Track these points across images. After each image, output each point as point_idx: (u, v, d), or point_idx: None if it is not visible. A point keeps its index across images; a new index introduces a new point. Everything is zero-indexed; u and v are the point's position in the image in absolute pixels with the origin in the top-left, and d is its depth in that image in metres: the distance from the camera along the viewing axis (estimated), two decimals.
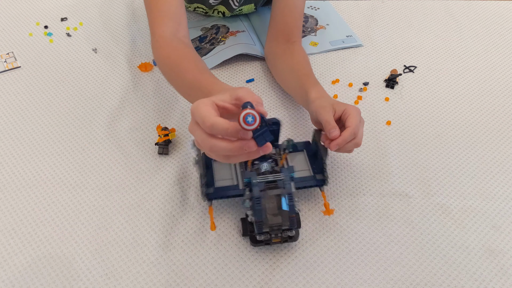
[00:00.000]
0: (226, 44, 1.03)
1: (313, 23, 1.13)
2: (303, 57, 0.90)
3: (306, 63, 0.89)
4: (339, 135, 0.68)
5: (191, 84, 0.70)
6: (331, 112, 0.71)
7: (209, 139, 0.52)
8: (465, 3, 1.22)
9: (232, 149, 0.51)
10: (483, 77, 1.01)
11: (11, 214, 0.73)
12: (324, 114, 0.71)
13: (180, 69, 0.73)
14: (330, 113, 0.71)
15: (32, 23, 1.10)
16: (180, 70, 0.73)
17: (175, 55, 0.76)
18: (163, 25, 0.80)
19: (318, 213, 0.75)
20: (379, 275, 0.68)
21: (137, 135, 0.86)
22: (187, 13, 1.14)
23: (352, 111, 0.70)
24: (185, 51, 0.77)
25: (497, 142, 0.88)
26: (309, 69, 0.87)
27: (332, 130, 0.69)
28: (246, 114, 0.48)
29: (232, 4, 1.03)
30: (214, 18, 1.12)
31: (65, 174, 0.79)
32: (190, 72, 0.72)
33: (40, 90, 0.94)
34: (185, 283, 0.66)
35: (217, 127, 0.51)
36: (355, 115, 0.70)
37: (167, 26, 0.79)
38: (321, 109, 0.72)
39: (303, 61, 0.89)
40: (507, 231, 0.74)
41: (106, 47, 1.04)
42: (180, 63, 0.75)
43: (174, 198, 0.76)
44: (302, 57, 0.90)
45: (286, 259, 0.69)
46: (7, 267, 0.67)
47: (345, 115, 0.71)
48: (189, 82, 0.70)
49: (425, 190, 0.79)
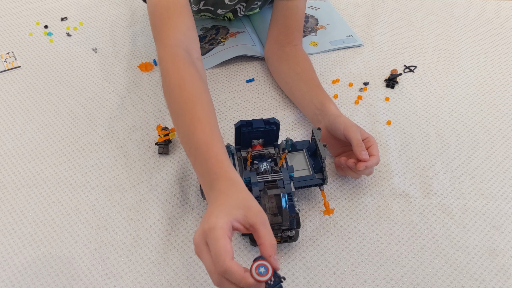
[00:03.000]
0: (226, 45, 1.03)
1: (313, 23, 1.13)
2: (308, 64, 0.91)
3: (312, 71, 0.90)
4: (368, 159, 0.72)
5: (198, 147, 0.61)
6: (359, 134, 0.75)
7: (219, 276, 0.49)
8: (466, 3, 1.22)
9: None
10: (483, 77, 1.01)
11: (11, 214, 0.73)
12: (355, 134, 0.74)
13: (192, 114, 0.64)
14: (359, 135, 0.75)
15: (32, 23, 1.10)
16: (192, 117, 0.64)
17: (189, 84, 0.67)
18: (176, 31, 0.72)
19: (318, 213, 0.75)
20: (379, 275, 0.68)
21: (137, 135, 0.86)
22: None
23: (375, 141, 0.75)
24: (200, 85, 0.67)
25: (497, 142, 0.88)
26: (317, 78, 0.89)
27: (363, 153, 0.72)
28: (258, 265, 0.49)
29: (238, 11, 1.03)
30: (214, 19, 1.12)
31: (65, 174, 0.79)
32: (200, 128, 0.63)
33: (40, 90, 0.94)
34: (185, 283, 0.66)
35: (230, 275, 0.48)
36: (377, 146, 0.75)
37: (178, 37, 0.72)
38: (352, 127, 0.75)
39: (309, 69, 0.90)
40: (507, 231, 0.74)
41: (106, 47, 1.05)
42: (193, 104, 0.65)
43: (174, 198, 0.76)
44: (308, 64, 0.91)
45: (286, 259, 0.69)
46: (7, 267, 0.67)
47: (368, 143, 0.75)
48: (197, 142, 0.62)
49: (425, 190, 0.79)
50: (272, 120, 0.74)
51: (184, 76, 0.68)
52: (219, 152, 0.60)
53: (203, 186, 0.61)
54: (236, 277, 0.48)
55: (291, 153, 0.78)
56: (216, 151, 0.60)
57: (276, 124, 0.75)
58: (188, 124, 0.64)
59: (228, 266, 0.48)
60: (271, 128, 0.75)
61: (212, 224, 0.50)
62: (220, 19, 1.10)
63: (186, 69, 0.69)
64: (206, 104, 0.66)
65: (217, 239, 0.49)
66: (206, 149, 0.61)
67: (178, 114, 0.66)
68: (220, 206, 0.53)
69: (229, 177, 0.58)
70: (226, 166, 0.59)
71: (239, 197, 0.55)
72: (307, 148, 0.78)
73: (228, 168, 0.59)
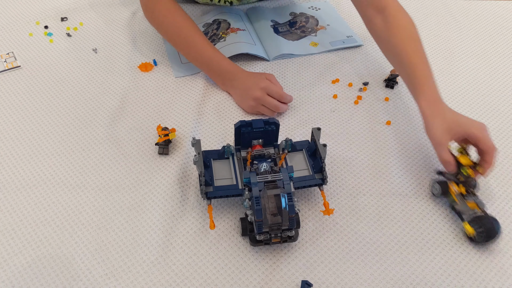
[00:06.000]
0: (227, 41, 1.03)
1: (313, 23, 1.13)
2: (403, 30, 0.83)
3: (408, 41, 0.82)
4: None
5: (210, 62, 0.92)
6: (447, 149, 0.72)
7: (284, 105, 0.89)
8: (465, 3, 1.22)
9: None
10: (483, 77, 1.01)
11: (11, 214, 0.73)
12: (442, 154, 0.72)
13: (193, 42, 0.91)
14: (447, 152, 0.72)
15: (32, 23, 1.10)
16: (195, 44, 0.92)
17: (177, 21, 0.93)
18: None
19: (318, 213, 0.75)
20: (379, 275, 0.68)
21: (137, 135, 0.86)
22: (191, 7, 1.15)
23: (478, 133, 0.71)
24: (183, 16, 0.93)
25: (496, 142, 0.87)
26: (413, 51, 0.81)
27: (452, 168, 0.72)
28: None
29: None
30: (215, 12, 1.12)
31: (65, 174, 0.79)
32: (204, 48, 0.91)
33: (40, 90, 0.94)
34: (185, 283, 0.66)
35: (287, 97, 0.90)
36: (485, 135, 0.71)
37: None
38: (438, 146, 0.73)
39: (404, 40, 0.82)
40: (507, 231, 0.74)
41: (106, 47, 1.05)
42: (187, 34, 0.92)
43: (174, 198, 0.76)
44: (403, 30, 0.83)
45: (286, 259, 0.69)
46: (7, 267, 0.67)
47: (472, 139, 0.71)
48: (208, 59, 0.92)
49: (425, 190, 0.79)
50: (271, 120, 0.74)
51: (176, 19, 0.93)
52: (226, 61, 0.92)
53: (222, 83, 0.94)
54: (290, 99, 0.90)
55: (290, 153, 0.78)
56: (225, 61, 0.92)
57: (275, 124, 0.75)
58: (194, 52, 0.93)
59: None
60: (271, 128, 0.75)
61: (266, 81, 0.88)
62: (221, 4, 1.11)
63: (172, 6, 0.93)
64: (199, 30, 0.94)
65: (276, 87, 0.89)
66: (217, 62, 0.92)
67: (184, 47, 0.94)
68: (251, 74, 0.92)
69: (241, 69, 0.92)
70: (236, 66, 0.92)
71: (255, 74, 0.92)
72: (307, 148, 0.78)
73: (238, 68, 0.92)
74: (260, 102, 0.88)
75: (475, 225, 0.69)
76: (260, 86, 0.87)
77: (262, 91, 0.87)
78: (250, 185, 0.66)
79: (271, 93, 0.88)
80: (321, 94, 0.96)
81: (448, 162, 0.73)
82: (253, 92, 0.88)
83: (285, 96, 0.89)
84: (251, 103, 0.89)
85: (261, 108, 0.89)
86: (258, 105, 0.88)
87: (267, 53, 1.04)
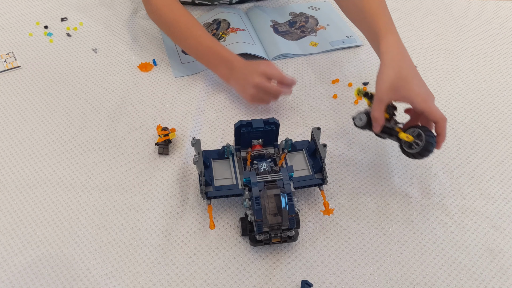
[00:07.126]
0: (227, 41, 1.03)
1: (313, 23, 1.13)
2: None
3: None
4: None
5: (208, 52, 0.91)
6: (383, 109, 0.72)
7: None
8: (465, 3, 1.22)
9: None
10: (483, 77, 1.01)
11: (11, 214, 0.73)
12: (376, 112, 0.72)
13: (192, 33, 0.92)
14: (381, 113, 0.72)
15: (32, 23, 1.10)
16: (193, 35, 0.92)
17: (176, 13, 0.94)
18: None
19: (318, 213, 0.75)
20: (379, 275, 0.68)
21: (137, 135, 0.86)
22: (191, 7, 1.15)
23: (423, 105, 0.68)
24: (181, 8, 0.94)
25: (497, 142, 0.88)
26: (377, 6, 0.80)
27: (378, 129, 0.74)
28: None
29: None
30: (215, 12, 1.12)
31: (65, 174, 0.79)
32: (203, 37, 0.91)
33: (40, 90, 0.94)
34: (185, 283, 0.66)
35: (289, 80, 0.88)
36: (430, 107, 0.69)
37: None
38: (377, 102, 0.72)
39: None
40: (507, 231, 0.74)
41: (106, 47, 1.05)
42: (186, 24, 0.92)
43: (174, 198, 0.76)
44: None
45: (286, 259, 0.69)
46: (7, 267, 0.67)
47: (417, 110, 0.70)
48: (206, 49, 0.91)
49: (424, 190, 0.79)
50: (271, 120, 0.74)
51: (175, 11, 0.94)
52: (225, 49, 0.91)
53: (221, 73, 0.92)
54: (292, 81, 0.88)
55: (290, 153, 0.78)
56: (223, 49, 0.91)
57: (275, 124, 0.75)
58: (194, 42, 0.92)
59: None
60: (271, 128, 0.75)
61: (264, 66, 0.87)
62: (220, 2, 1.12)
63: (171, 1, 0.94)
64: (197, 21, 0.94)
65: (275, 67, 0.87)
66: (216, 50, 0.91)
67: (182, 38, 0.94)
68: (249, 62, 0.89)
69: (240, 58, 0.90)
70: (235, 55, 0.91)
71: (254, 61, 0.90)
72: (307, 148, 0.78)
73: (237, 57, 0.90)
74: (261, 88, 0.86)
75: (411, 133, 0.71)
76: (259, 71, 0.86)
77: (262, 76, 0.85)
78: (250, 185, 0.66)
79: (272, 76, 0.86)
80: (321, 94, 0.96)
81: (378, 122, 0.72)
82: (252, 78, 0.86)
83: (286, 78, 0.87)
84: (252, 91, 0.86)
85: (263, 97, 0.87)
86: (259, 93, 0.87)
87: (266, 53, 1.04)
